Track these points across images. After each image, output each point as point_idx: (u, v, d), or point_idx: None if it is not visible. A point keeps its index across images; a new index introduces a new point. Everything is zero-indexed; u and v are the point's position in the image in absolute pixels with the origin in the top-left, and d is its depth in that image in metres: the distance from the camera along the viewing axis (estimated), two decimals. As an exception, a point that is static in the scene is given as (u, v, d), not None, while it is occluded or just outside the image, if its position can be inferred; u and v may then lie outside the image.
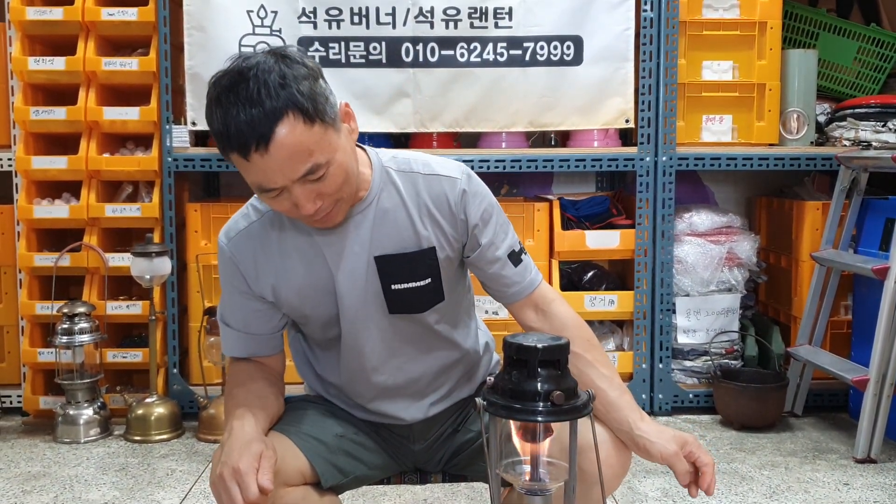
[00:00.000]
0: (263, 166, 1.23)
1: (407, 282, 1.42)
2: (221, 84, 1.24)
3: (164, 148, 2.97)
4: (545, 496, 1.09)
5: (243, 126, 1.21)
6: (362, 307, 1.43)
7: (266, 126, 1.20)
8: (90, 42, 2.96)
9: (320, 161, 1.25)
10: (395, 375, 1.50)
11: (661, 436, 1.34)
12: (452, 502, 2.31)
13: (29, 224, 2.99)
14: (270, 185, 1.26)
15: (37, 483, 2.46)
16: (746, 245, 3.11)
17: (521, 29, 2.94)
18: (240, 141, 1.22)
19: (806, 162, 3.05)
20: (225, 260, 1.45)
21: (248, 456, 1.25)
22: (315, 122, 1.24)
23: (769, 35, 3.03)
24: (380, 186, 1.41)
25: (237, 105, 1.21)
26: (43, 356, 2.96)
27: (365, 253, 1.41)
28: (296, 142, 1.22)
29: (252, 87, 1.21)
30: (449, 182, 1.42)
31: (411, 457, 1.60)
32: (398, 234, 1.41)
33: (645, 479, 2.47)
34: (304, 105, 1.22)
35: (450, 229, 1.43)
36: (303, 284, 1.43)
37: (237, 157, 1.24)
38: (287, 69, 1.23)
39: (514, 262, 1.46)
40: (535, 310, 1.48)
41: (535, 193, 3.49)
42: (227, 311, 1.49)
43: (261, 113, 1.20)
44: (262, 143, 1.21)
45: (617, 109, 3.00)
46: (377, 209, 1.41)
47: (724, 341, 3.11)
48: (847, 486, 2.41)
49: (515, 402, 1.05)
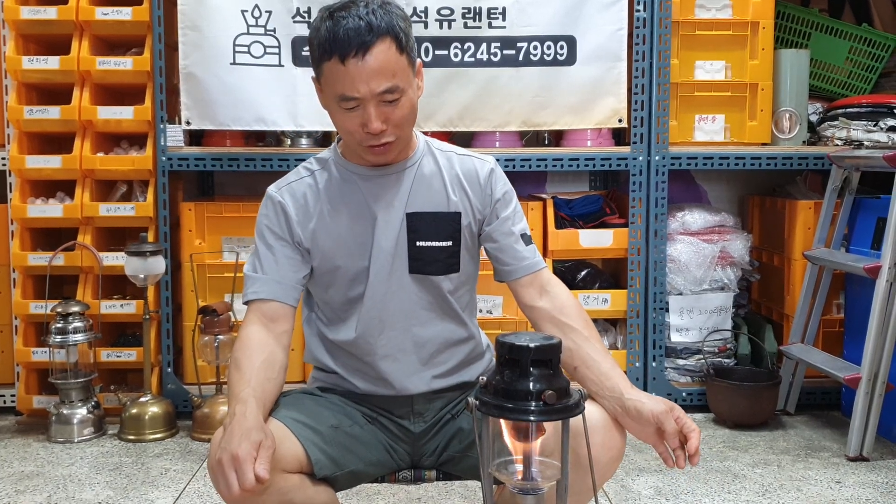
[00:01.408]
0: (354, 73, 1.41)
1: (431, 240, 1.57)
2: (335, 6, 1.45)
3: (159, 147, 2.97)
4: (537, 495, 1.10)
5: (351, 32, 1.40)
6: (390, 259, 1.56)
7: (371, 37, 1.40)
8: (84, 41, 2.96)
9: (399, 85, 1.44)
10: (404, 336, 1.58)
11: (651, 398, 1.43)
12: (446, 500, 2.32)
13: (23, 223, 2.98)
14: (353, 93, 1.42)
15: (30, 483, 2.46)
16: (739, 244, 3.12)
17: (514, 29, 2.94)
18: (344, 44, 1.40)
19: (798, 161, 3.06)
20: (273, 204, 1.59)
21: (247, 444, 1.28)
22: (404, 53, 1.44)
23: (761, 35, 3.04)
24: (423, 153, 1.61)
25: (348, 18, 1.41)
26: (37, 355, 2.96)
27: (402, 207, 1.56)
28: (387, 59, 1.42)
29: (362, 8, 1.42)
30: (480, 162, 1.63)
31: (409, 444, 1.62)
32: (431, 196, 1.58)
33: (638, 477, 2.48)
34: (400, 36, 1.43)
35: (476, 201, 1.60)
36: (343, 232, 1.56)
37: (334, 62, 1.41)
38: (391, 8, 1.45)
39: (526, 242, 1.62)
40: (538, 290, 1.60)
41: (528, 192, 3.50)
42: (257, 261, 1.58)
43: (368, 26, 1.40)
44: (361, 51, 1.40)
45: (610, 109, 3.01)
46: (418, 171, 1.58)
47: (717, 340, 3.12)
48: (839, 483, 2.42)
49: (507, 402, 1.05)
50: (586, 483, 1.38)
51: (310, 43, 1.47)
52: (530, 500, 1.10)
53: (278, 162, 2.98)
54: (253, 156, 2.99)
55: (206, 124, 2.96)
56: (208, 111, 2.93)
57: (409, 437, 1.62)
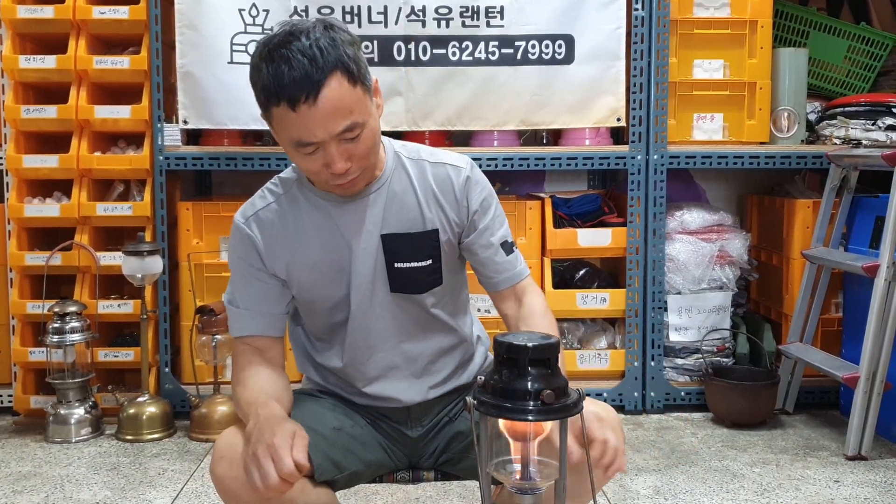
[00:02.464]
0: (308, 119, 1.30)
1: (410, 261, 1.50)
2: (273, 42, 1.31)
3: (156, 146, 2.96)
4: (535, 495, 1.09)
5: (297, 77, 1.28)
6: (370, 285, 1.50)
7: (317, 79, 1.28)
8: (81, 40, 2.95)
9: (358, 120, 1.34)
10: (394, 354, 1.55)
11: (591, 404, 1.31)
12: (444, 501, 2.31)
13: (20, 223, 2.98)
14: (310, 138, 1.32)
15: (28, 483, 2.45)
16: (738, 243, 3.12)
17: (512, 28, 2.94)
18: (291, 92, 1.29)
19: (797, 160, 3.06)
20: (241, 237, 1.51)
21: (282, 433, 1.28)
22: (357, 84, 1.33)
23: (760, 34, 3.04)
24: (392, 169, 1.51)
25: (290, 59, 1.28)
26: (34, 355, 2.95)
27: (376, 231, 1.49)
28: (341, 97, 1.31)
29: (305, 44, 1.29)
30: (454, 170, 1.53)
31: (407, 447, 1.61)
32: (406, 215, 1.50)
33: (637, 476, 2.48)
34: (350, 66, 1.31)
35: (452, 214, 1.52)
36: (317, 261, 1.49)
37: (283, 110, 1.30)
38: (335, 34, 1.32)
39: (506, 252, 1.56)
40: (514, 300, 1.57)
41: (527, 192, 3.50)
42: (236, 292, 1.53)
43: (313, 67, 1.28)
44: (311, 95, 1.28)
45: (608, 108, 3.00)
46: (389, 190, 1.50)
47: (716, 339, 3.12)
48: (838, 482, 2.42)
49: (505, 401, 1.05)
50: (585, 486, 1.37)
51: (252, 84, 1.35)
52: (528, 500, 1.09)
53: (276, 161, 2.97)
54: (250, 155, 2.98)
55: (204, 123, 2.95)
56: (206, 110, 2.92)
57: (407, 441, 1.61)
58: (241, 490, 1.35)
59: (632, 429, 2.92)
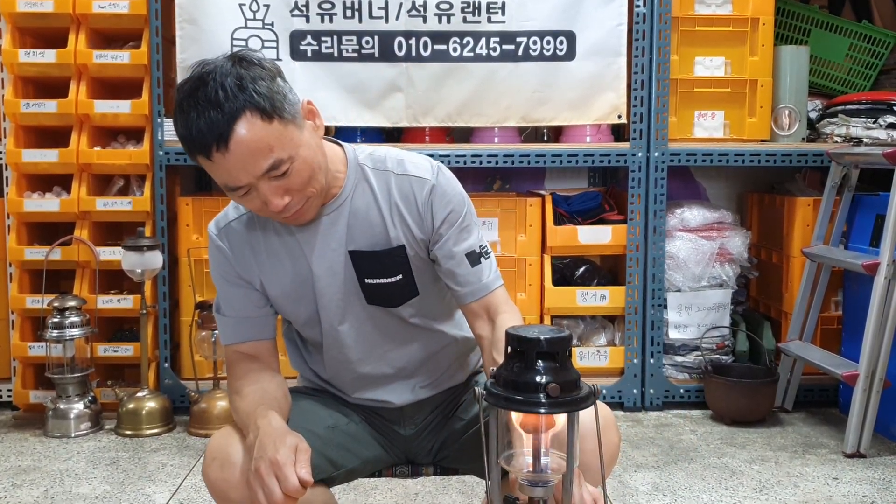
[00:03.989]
0: (227, 165, 1.28)
1: (379, 278, 1.46)
2: (183, 90, 1.29)
3: (156, 141, 2.96)
4: (546, 487, 1.10)
5: (203, 127, 1.25)
6: (342, 299, 1.47)
7: (224, 126, 1.25)
8: (81, 35, 2.94)
9: (282, 156, 1.29)
10: (380, 365, 1.53)
11: None
12: (444, 496, 2.31)
13: (19, 217, 2.97)
14: (236, 183, 1.30)
15: (27, 477, 2.45)
16: (738, 241, 3.12)
17: (513, 24, 2.93)
18: (201, 142, 1.27)
19: (797, 158, 3.06)
20: (214, 248, 1.50)
21: (284, 448, 1.26)
22: (273, 119, 1.28)
23: (761, 31, 3.04)
24: (354, 184, 1.45)
25: (197, 108, 1.26)
26: (33, 350, 2.95)
27: (342, 248, 1.45)
28: (255, 138, 1.26)
29: (210, 90, 1.26)
30: (418, 182, 1.44)
31: (402, 444, 1.61)
32: (371, 231, 1.45)
33: (636, 473, 2.48)
34: (260, 104, 1.26)
35: (416, 229, 1.45)
36: (284, 278, 1.47)
37: (202, 160, 1.29)
38: (244, 71, 1.28)
39: (472, 262, 1.45)
40: (485, 316, 1.46)
41: (527, 189, 3.49)
42: (220, 299, 1.52)
43: (219, 114, 1.25)
44: (221, 143, 1.26)
45: (609, 105, 3.00)
46: (351, 206, 1.44)
47: (715, 336, 3.12)
48: (836, 480, 2.42)
49: (513, 393, 1.05)
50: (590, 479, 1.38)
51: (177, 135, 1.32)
52: (539, 493, 1.09)
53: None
54: (251, 150, 2.97)
55: (204, 118, 2.94)
56: (206, 105, 2.91)
57: (401, 439, 1.61)
58: (233, 492, 1.34)
59: (631, 426, 2.92)
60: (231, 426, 1.45)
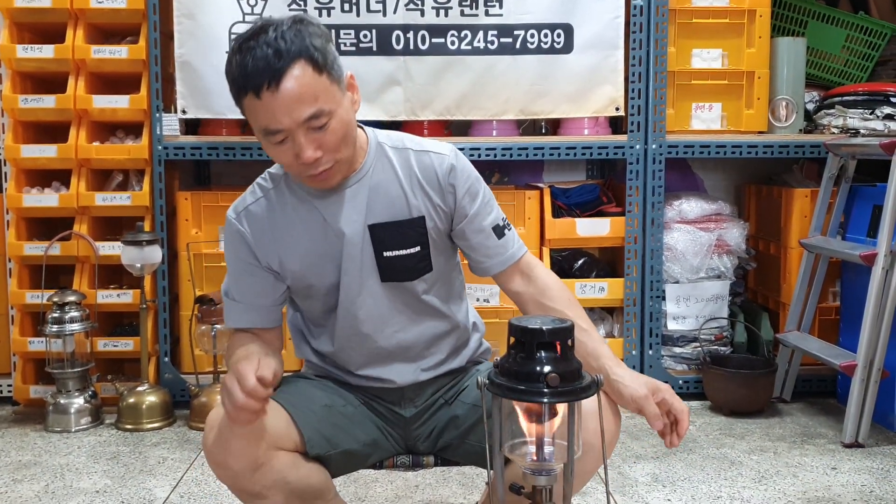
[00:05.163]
0: (272, 105, 1.33)
1: (398, 249, 1.51)
2: (244, 35, 1.36)
3: (155, 136, 2.96)
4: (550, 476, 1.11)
5: (260, 63, 1.32)
6: (358, 274, 1.52)
7: (280, 65, 1.31)
8: (79, 30, 2.94)
9: (324, 108, 1.35)
10: (388, 341, 1.57)
11: (634, 381, 1.42)
12: (444, 488, 2.32)
13: (18, 213, 2.97)
14: (276, 125, 1.35)
15: (28, 472, 2.46)
16: (735, 232, 3.13)
17: (511, 17, 2.94)
18: (254, 78, 1.32)
19: (794, 149, 3.06)
20: (233, 232, 1.54)
21: (246, 361, 1.33)
22: (323, 73, 1.35)
23: (758, 23, 3.04)
24: (374, 159, 1.52)
25: (256, 48, 1.32)
26: (33, 345, 2.95)
27: (361, 220, 1.50)
28: (304, 84, 1.33)
29: (271, 35, 1.33)
30: (438, 158, 1.52)
31: (401, 427, 1.62)
32: (391, 203, 1.51)
33: (635, 464, 2.49)
34: (314, 55, 1.34)
35: (439, 200, 1.52)
36: (306, 252, 1.52)
37: (250, 98, 1.34)
38: (303, 27, 1.36)
39: (498, 235, 1.55)
40: (520, 276, 1.57)
41: (525, 181, 3.50)
42: (232, 284, 1.56)
43: (276, 54, 1.32)
44: (273, 81, 1.32)
45: (607, 97, 3.00)
46: (372, 180, 1.50)
47: (714, 328, 3.13)
48: (835, 470, 2.43)
49: (515, 383, 1.06)
50: (580, 467, 1.39)
51: (226, 77, 1.39)
52: (542, 481, 1.10)
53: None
54: (249, 144, 2.98)
55: (202, 113, 2.95)
56: (204, 100, 2.92)
57: (401, 422, 1.63)
58: (231, 459, 1.40)
59: (630, 417, 2.92)
60: None
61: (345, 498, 2.21)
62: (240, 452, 1.40)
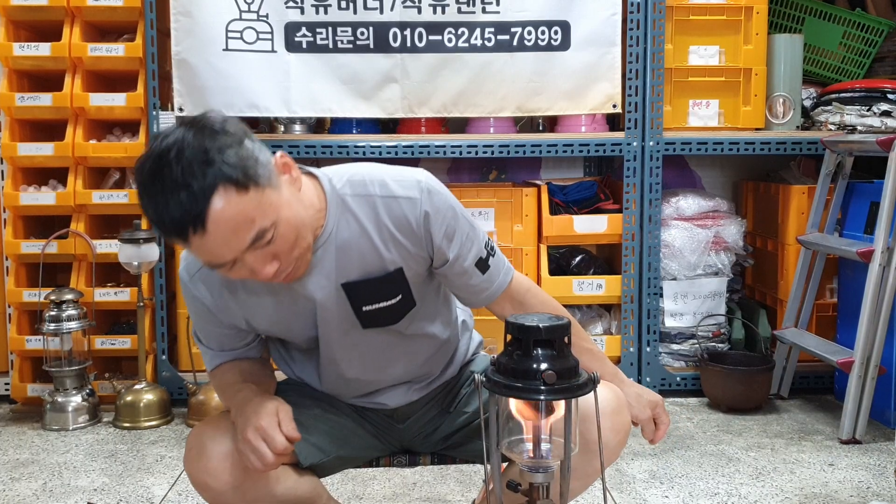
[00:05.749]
0: (207, 246, 1.19)
1: (377, 302, 1.41)
2: (145, 171, 1.19)
3: (151, 134, 2.95)
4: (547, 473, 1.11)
5: (175, 213, 1.16)
6: (337, 327, 1.43)
7: (198, 207, 1.15)
8: (76, 28, 2.94)
9: (265, 225, 1.21)
10: (376, 377, 1.53)
11: (638, 401, 1.52)
12: (442, 485, 2.32)
13: (15, 211, 2.97)
14: (220, 260, 1.22)
15: (25, 470, 2.46)
16: (733, 229, 3.13)
17: (508, 14, 2.93)
18: (176, 228, 1.18)
19: (792, 146, 3.06)
20: (189, 296, 1.44)
21: (265, 413, 1.31)
22: (249, 189, 1.19)
23: (755, 20, 3.04)
24: (336, 217, 1.36)
25: (164, 192, 1.16)
26: (30, 343, 2.95)
27: (332, 282, 1.39)
28: (233, 213, 1.17)
29: (176, 170, 1.15)
30: (409, 204, 1.35)
31: (397, 435, 1.61)
32: (362, 260, 1.38)
33: (633, 461, 2.49)
34: (232, 175, 1.17)
35: (414, 249, 1.39)
36: (275, 315, 1.43)
37: (180, 242, 1.22)
38: (208, 142, 1.18)
39: (482, 269, 1.43)
40: (510, 303, 1.49)
41: (523, 179, 3.50)
42: (200, 332, 1.50)
43: (190, 197, 1.15)
44: (198, 225, 1.17)
45: (604, 94, 3.00)
46: (338, 240, 1.36)
47: (711, 324, 3.13)
48: (832, 466, 2.43)
49: (511, 381, 1.06)
50: (592, 465, 1.39)
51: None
52: (540, 478, 1.11)
53: (271, 149, 2.95)
54: (246, 142, 2.97)
55: (199, 111, 2.91)
56: (201, 98, 2.91)
57: (396, 431, 1.61)
58: (211, 480, 1.39)
59: (628, 414, 2.93)
60: (209, 419, 1.48)
61: (342, 496, 2.22)
62: (219, 473, 1.38)
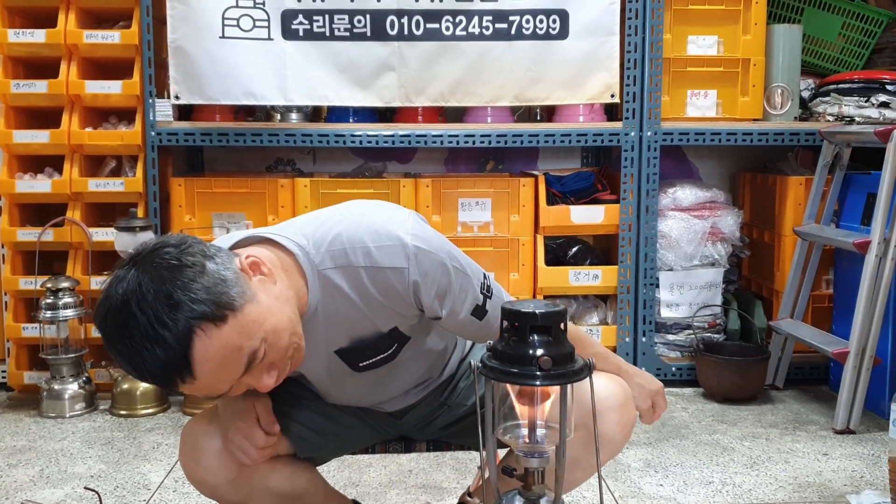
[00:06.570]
0: (199, 386, 1.13)
1: (373, 357, 1.39)
2: (109, 326, 1.10)
3: (148, 122, 2.94)
4: (542, 458, 1.11)
5: (154, 368, 1.09)
6: (332, 382, 1.46)
7: (178, 357, 1.08)
8: (71, 14, 2.92)
9: (254, 346, 1.14)
10: (376, 399, 1.55)
11: (641, 392, 1.53)
12: (438, 473, 2.33)
13: (11, 199, 2.96)
14: (219, 392, 1.17)
15: (22, 457, 2.46)
16: (730, 220, 3.13)
17: (506, 2, 2.92)
18: (161, 381, 1.12)
19: (789, 137, 3.06)
20: None
21: (242, 411, 1.35)
22: (227, 318, 1.11)
23: (754, 10, 3.03)
24: (319, 293, 1.29)
25: (136, 348, 1.08)
26: (27, 331, 2.95)
27: (324, 351, 1.36)
28: (219, 349, 1.10)
29: (142, 322, 1.07)
30: (395, 274, 1.27)
31: (395, 427, 1.62)
32: (353, 328, 1.34)
33: (628, 450, 2.50)
34: (206, 312, 1.09)
35: (406, 311, 1.33)
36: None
37: (170, 390, 1.23)
38: (168, 283, 1.08)
39: (479, 316, 1.35)
40: None
41: (520, 169, 3.49)
42: None
43: (166, 348, 1.07)
44: (185, 374, 1.10)
45: (602, 84, 3.00)
46: (325, 314, 1.31)
47: (707, 315, 3.14)
48: (826, 456, 2.44)
49: (507, 366, 1.06)
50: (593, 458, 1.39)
51: None
52: (535, 463, 1.11)
53: (268, 137, 2.96)
54: (242, 130, 2.97)
55: (195, 99, 2.94)
56: (197, 85, 2.90)
57: (393, 425, 1.61)
58: (208, 476, 1.41)
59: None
60: (202, 413, 1.49)
61: (338, 483, 2.23)
62: (214, 469, 1.39)
